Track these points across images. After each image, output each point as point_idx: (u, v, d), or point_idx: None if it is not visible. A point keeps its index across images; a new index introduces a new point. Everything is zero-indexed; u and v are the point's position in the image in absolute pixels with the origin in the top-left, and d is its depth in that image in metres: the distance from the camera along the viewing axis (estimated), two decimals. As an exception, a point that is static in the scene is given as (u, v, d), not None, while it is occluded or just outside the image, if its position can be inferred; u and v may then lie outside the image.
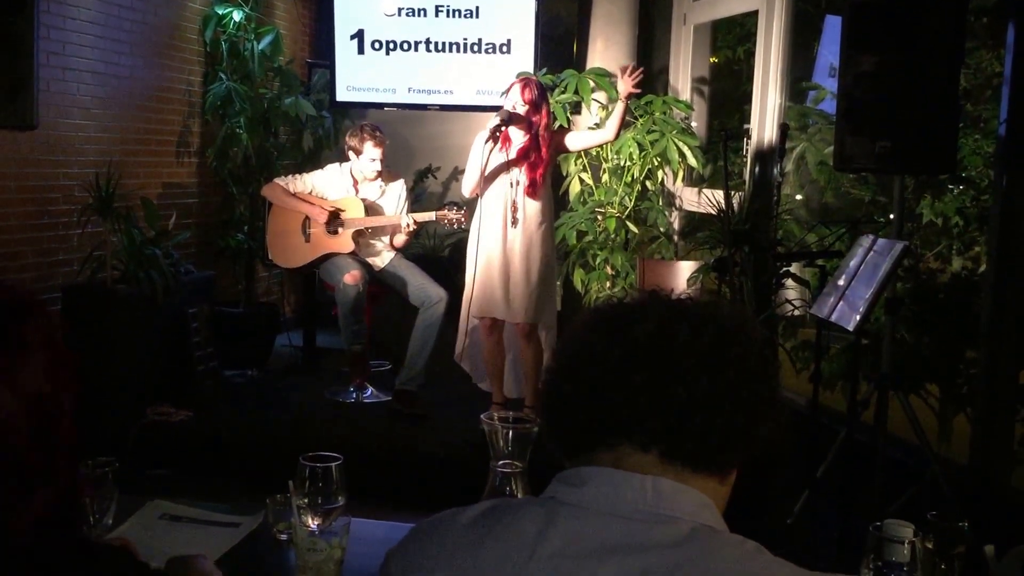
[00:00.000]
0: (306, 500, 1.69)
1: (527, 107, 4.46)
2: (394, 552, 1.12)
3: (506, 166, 4.53)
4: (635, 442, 1.04)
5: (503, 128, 4.45)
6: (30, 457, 0.96)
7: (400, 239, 5.16)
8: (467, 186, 4.62)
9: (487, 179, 4.53)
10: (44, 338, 1.00)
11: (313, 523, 1.68)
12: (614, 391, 1.05)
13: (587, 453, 1.07)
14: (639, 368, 1.04)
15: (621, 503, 1.01)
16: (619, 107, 4.61)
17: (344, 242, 5.12)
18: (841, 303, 3.58)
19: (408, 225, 5.01)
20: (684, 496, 1.02)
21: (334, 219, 5.12)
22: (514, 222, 4.53)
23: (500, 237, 4.53)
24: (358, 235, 5.14)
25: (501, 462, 1.68)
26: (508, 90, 4.58)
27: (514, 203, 4.53)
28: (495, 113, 4.51)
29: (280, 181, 5.27)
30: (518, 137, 4.52)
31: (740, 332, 1.08)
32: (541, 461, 1.65)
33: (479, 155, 4.52)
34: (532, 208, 4.54)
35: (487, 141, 4.43)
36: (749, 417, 1.06)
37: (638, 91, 4.64)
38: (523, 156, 4.51)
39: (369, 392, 5.27)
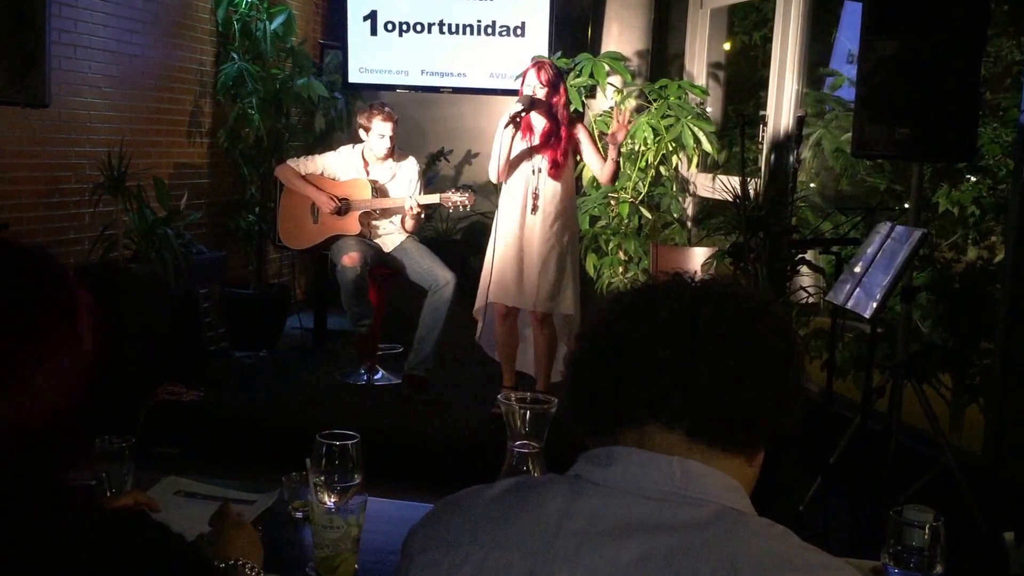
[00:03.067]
0: (323, 477, 1.67)
1: (546, 89, 4.43)
2: (418, 527, 1.12)
3: (528, 153, 4.50)
4: (660, 420, 1.04)
5: (524, 114, 4.42)
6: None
7: (409, 222, 5.14)
8: (492, 171, 4.58)
9: (511, 165, 4.50)
10: (89, 303, 1.05)
11: (330, 500, 1.67)
12: (639, 369, 1.05)
13: (612, 433, 1.07)
14: (663, 346, 1.05)
15: (648, 484, 1.01)
16: (612, 156, 4.45)
17: (351, 224, 5.10)
18: (858, 290, 3.55)
19: (412, 208, 4.98)
20: (712, 479, 1.02)
21: (341, 203, 5.09)
22: (534, 209, 4.49)
23: (518, 225, 4.50)
24: (365, 217, 5.12)
25: (518, 442, 1.66)
26: (523, 76, 4.53)
27: (535, 191, 4.49)
28: (516, 99, 4.44)
29: (292, 163, 5.25)
30: (539, 123, 4.49)
31: (763, 311, 1.09)
32: (558, 441, 1.65)
33: (506, 141, 4.48)
34: (553, 194, 4.50)
35: (507, 126, 4.40)
36: (773, 394, 1.06)
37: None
38: (545, 140, 4.47)
39: (380, 375, 5.26)
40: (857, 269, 3.63)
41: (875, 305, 3.41)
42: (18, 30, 3.83)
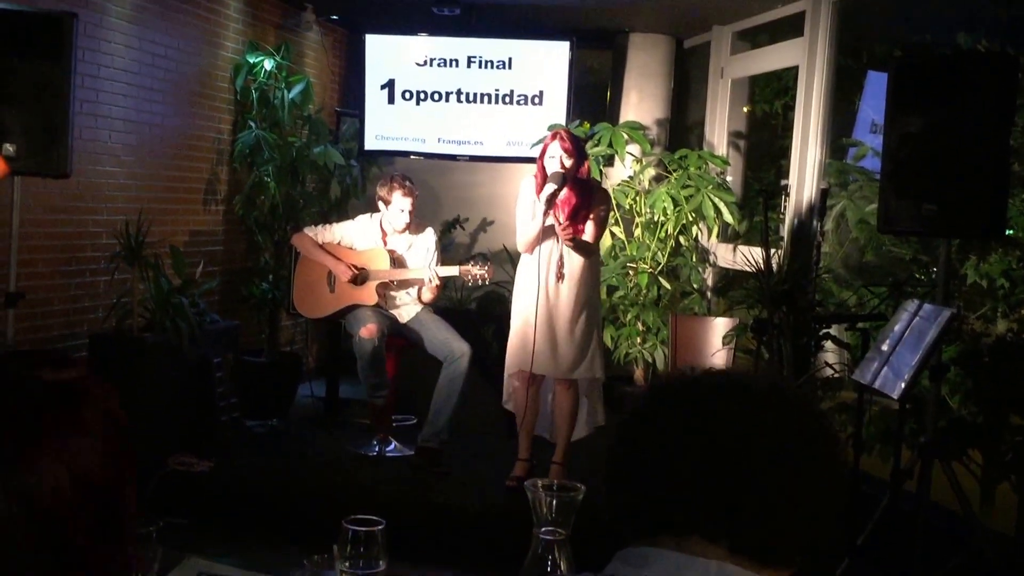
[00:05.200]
0: (348, 564, 1.63)
1: (572, 160, 4.38)
2: None
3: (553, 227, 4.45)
4: (703, 535, 1.02)
5: (559, 192, 4.35)
6: (85, 543, 0.94)
7: (427, 294, 5.09)
8: (522, 243, 4.53)
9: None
10: (104, 423, 1.00)
11: (355, 587, 1.62)
12: (680, 483, 1.03)
13: (650, 535, 1.06)
14: (705, 460, 1.02)
15: None
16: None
17: (368, 294, 5.06)
18: (885, 368, 3.48)
19: (431, 280, 4.94)
20: None
21: (359, 273, 5.06)
22: (560, 277, 4.45)
23: (545, 293, 4.45)
24: (382, 287, 5.08)
25: (544, 528, 1.63)
26: (544, 150, 4.45)
27: (560, 258, 4.45)
28: (548, 179, 4.36)
29: (309, 231, 5.22)
30: (562, 193, 4.44)
31: (811, 418, 1.06)
32: (585, 528, 1.61)
33: (528, 207, 4.45)
34: (577, 259, 4.46)
35: (545, 213, 4.34)
36: (821, 514, 1.04)
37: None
38: (571, 211, 4.42)
39: (392, 446, 5.18)
40: (884, 347, 3.56)
41: (903, 385, 3.34)
42: (43, 103, 3.87)
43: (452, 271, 5.01)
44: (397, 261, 5.11)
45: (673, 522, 1.03)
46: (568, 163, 4.36)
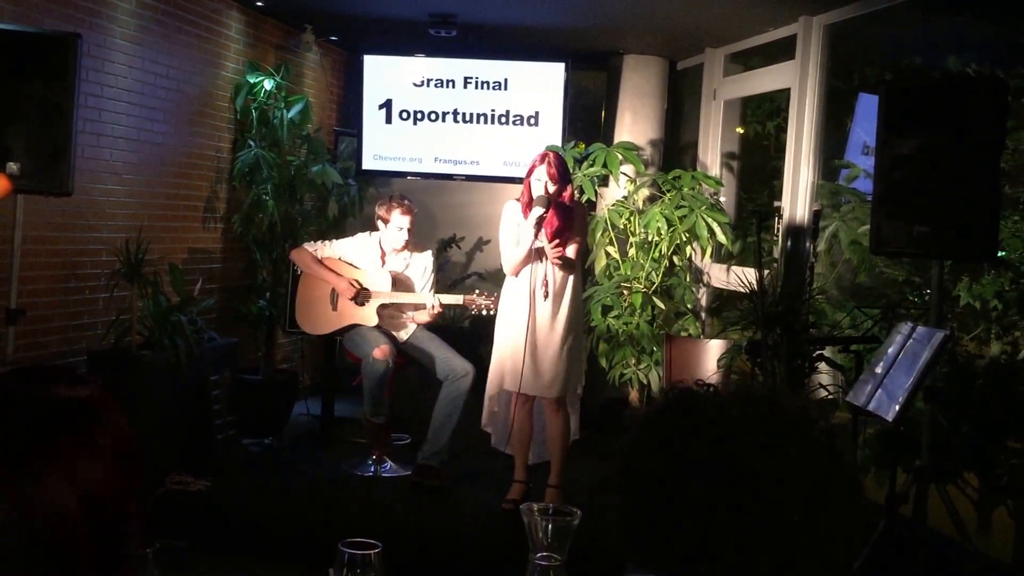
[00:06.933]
0: None
1: (556, 186, 4.44)
2: None
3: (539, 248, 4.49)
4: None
5: (547, 214, 4.41)
6: (88, 558, 0.98)
7: (422, 317, 5.12)
8: (508, 266, 4.57)
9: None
10: (114, 442, 1.04)
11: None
12: (691, 525, 1.00)
13: (653, 568, 1.03)
14: (715, 501, 0.99)
15: None
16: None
17: (369, 314, 5.08)
18: (879, 391, 3.50)
19: (433, 307, 4.97)
20: None
21: (361, 292, 5.10)
22: (545, 295, 4.49)
23: (530, 312, 4.48)
24: (383, 308, 5.11)
25: (540, 554, 1.63)
26: (531, 170, 4.50)
27: (544, 276, 4.49)
28: (534, 203, 4.41)
29: (308, 247, 5.24)
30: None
31: (828, 465, 1.02)
32: (581, 554, 1.62)
33: (512, 231, 4.50)
34: (562, 278, 4.51)
35: (536, 237, 4.39)
36: (839, 554, 1.00)
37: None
38: (553, 233, 4.46)
39: (388, 466, 5.18)
40: (878, 370, 3.58)
41: (898, 408, 3.36)
42: (47, 122, 3.91)
43: (456, 299, 5.05)
44: (398, 281, 5.14)
45: (682, 565, 1.00)
46: (552, 188, 4.43)
